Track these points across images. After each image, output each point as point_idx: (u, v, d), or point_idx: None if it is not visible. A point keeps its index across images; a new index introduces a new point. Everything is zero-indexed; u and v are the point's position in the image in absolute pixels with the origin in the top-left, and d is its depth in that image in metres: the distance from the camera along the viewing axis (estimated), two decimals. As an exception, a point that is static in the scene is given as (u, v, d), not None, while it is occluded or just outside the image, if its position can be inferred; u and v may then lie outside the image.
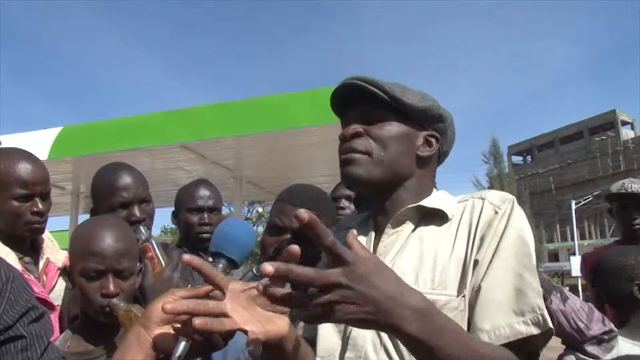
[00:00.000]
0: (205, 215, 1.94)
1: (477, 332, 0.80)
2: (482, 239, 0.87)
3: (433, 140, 0.99)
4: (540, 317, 0.78)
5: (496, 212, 0.88)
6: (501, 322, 0.79)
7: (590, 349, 1.62)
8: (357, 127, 0.95)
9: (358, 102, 0.97)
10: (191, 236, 1.95)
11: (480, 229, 0.88)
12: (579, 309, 1.61)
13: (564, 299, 1.62)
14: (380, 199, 0.99)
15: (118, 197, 1.50)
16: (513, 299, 0.81)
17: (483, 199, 0.92)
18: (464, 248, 0.88)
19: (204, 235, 1.91)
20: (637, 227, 2.28)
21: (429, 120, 0.98)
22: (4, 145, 1.81)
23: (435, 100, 1.00)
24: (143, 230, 1.40)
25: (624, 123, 33.74)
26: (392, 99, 0.93)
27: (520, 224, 0.87)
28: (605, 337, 1.63)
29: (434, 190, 1.02)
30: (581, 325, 1.62)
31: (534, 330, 0.78)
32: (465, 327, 0.82)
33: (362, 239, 1.00)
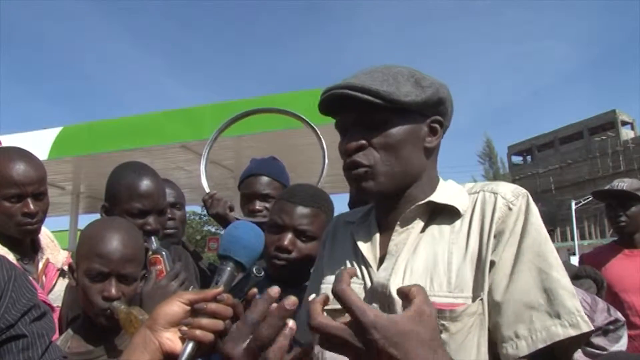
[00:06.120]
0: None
1: (511, 340, 0.77)
2: (497, 238, 0.83)
3: (437, 125, 0.93)
4: (578, 319, 0.75)
5: (510, 209, 0.84)
6: (537, 325, 0.76)
7: (597, 340, 1.56)
8: (359, 142, 0.89)
9: (353, 106, 0.88)
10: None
11: (495, 227, 0.83)
12: (581, 300, 1.54)
13: None
14: (392, 199, 0.94)
15: (137, 204, 1.44)
16: (545, 300, 0.77)
17: (495, 193, 0.87)
18: (477, 246, 0.84)
19: None
20: (622, 224, 2.31)
21: (430, 108, 0.91)
22: (4, 145, 1.80)
23: (433, 83, 0.91)
24: (154, 241, 1.38)
25: (624, 123, 33.68)
26: (390, 102, 0.85)
27: (539, 222, 0.83)
28: (611, 327, 1.56)
29: (440, 179, 0.97)
30: None
31: (572, 332, 0.74)
32: (485, 331, 0.80)
33: (364, 237, 0.97)
